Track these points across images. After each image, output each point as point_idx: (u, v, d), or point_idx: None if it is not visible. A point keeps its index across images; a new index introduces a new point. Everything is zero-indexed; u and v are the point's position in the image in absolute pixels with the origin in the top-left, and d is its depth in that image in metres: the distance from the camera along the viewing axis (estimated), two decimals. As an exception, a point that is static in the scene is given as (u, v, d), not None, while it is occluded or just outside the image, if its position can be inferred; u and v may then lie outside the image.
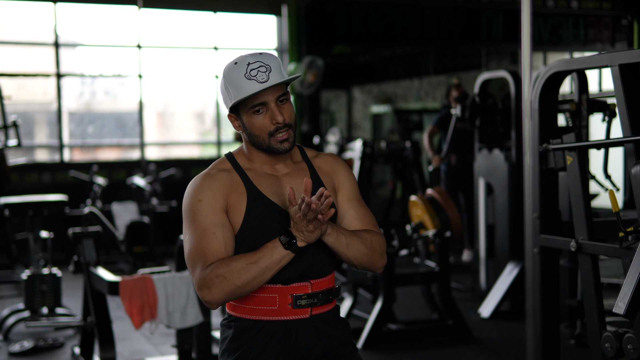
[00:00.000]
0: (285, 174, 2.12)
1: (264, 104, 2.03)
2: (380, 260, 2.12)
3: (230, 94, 2.04)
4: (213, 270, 1.94)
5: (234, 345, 2.07)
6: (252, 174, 2.09)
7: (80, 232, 4.76)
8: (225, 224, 2.02)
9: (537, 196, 3.47)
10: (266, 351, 2.05)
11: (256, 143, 2.07)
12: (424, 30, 10.32)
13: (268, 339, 2.05)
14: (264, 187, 2.07)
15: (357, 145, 6.92)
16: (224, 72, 2.06)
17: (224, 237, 2.00)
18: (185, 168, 9.50)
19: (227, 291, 1.94)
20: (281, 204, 2.06)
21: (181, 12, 9.98)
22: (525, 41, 3.66)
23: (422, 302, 5.96)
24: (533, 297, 3.54)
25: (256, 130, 2.05)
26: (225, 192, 2.04)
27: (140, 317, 4.15)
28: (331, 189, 2.15)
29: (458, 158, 7.47)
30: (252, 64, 2.00)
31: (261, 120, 2.03)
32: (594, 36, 11.40)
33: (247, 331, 2.06)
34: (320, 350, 2.09)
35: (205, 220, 2.00)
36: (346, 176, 2.19)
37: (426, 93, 12.20)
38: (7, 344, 5.36)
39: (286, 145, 2.05)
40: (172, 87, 11.14)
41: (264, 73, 1.99)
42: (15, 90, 9.38)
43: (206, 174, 2.08)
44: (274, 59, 2.04)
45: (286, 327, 2.05)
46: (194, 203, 2.03)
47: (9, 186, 7.24)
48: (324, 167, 2.18)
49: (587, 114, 4.91)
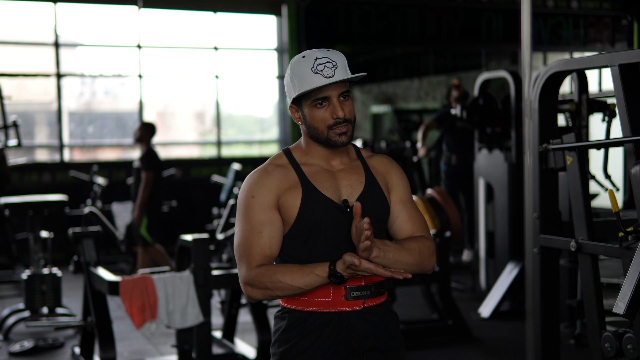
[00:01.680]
0: (340, 170, 2.16)
1: (326, 98, 2.07)
2: (430, 263, 2.16)
3: (295, 85, 2.08)
4: (257, 276, 2.03)
5: (286, 336, 2.10)
6: (308, 169, 2.13)
7: (80, 232, 4.76)
8: (275, 221, 2.08)
9: (537, 196, 3.47)
10: (318, 342, 2.08)
11: (315, 135, 2.11)
12: (424, 30, 10.33)
13: (321, 330, 2.08)
14: (319, 183, 2.11)
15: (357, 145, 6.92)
16: (290, 64, 2.11)
17: (270, 236, 2.07)
18: (185, 168, 9.50)
19: (266, 296, 2.06)
20: (336, 199, 2.10)
21: (181, 12, 9.99)
22: (525, 41, 3.66)
23: (422, 302, 5.96)
24: (533, 297, 3.54)
25: (316, 123, 2.09)
26: (280, 188, 2.09)
27: (141, 317, 4.16)
28: (385, 188, 2.19)
29: (458, 157, 7.47)
30: (319, 58, 2.06)
31: (322, 114, 2.08)
32: (594, 36, 11.40)
33: (300, 322, 2.09)
34: (372, 342, 2.11)
35: (255, 217, 2.07)
36: (400, 177, 2.24)
37: (426, 93, 12.21)
38: (7, 344, 5.37)
39: (344, 139, 2.10)
40: (172, 87, 11.13)
41: (331, 69, 2.05)
42: (15, 90, 9.38)
43: (263, 170, 2.13)
44: (341, 56, 2.09)
45: (339, 318, 2.08)
46: (247, 198, 2.10)
47: (9, 186, 7.24)
48: (378, 167, 2.22)
49: (587, 114, 4.91)
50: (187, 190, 9.25)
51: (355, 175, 2.16)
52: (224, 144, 10.19)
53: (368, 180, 2.16)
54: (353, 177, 2.15)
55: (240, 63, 10.48)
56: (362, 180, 2.15)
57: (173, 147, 11.38)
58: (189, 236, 4.34)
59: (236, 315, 5.20)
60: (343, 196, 2.11)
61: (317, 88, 2.05)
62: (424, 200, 5.98)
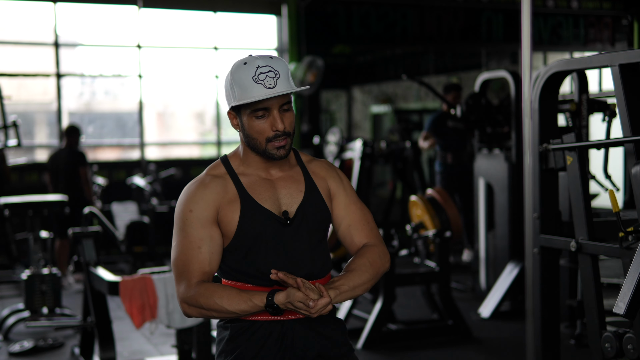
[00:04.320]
0: (279, 178, 2.12)
1: (266, 109, 2.02)
2: (384, 265, 2.16)
3: (234, 93, 2.02)
4: (195, 296, 1.98)
5: (230, 347, 2.07)
6: (246, 180, 2.09)
7: (80, 232, 4.76)
8: (214, 236, 2.04)
9: (537, 196, 3.47)
10: (263, 352, 2.05)
11: (252, 145, 2.07)
12: (424, 30, 10.32)
13: (264, 339, 2.05)
14: (258, 194, 2.07)
15: (357, 145, 6.91)
16: (231, 70, 2.04)
17: (210, 252, 2.02)
18: (185, 168, 9.49)
19: (203, 316, 2.04)
20: (275, 210, 2.07)
21: (181, 12, 9.98)
22: (525, 41, 3.66)
23: (422, 302, 5.96)
24: (533, 297, 3.53)
25: (254, 134, 2.04)
26: (218, 201, 2.05)
27: (141, 317, 4.16)
28: (326, 194, 2.16)
29: (454, 156, 7.45)
30: (261, 67, 1.99)
31: (261, 125, 2.03)
32: (594, 36, 11.40)
33: (243, 332, 2.06)
34: (317, 350, 2.09)
35: (193, 232, 2.02)
36: (340, 181, 2.20)
37: (426, 93, 12.19)
38: (7, 344, 5.36)
39: (282, 152, 2.05)
40: (172, 87, 11.13)
41: (272, 79, 1.99)
42: (15, 90, 9.38)
43: (200, 182, 2.08)
44: (283, 65, 2.02)
45: (282, 327, 2.06)
46: (185, 212, 2.04)
47: (9, 186, 7.24)
48: (319, 171, 2.18)
49: (587, 114, 4.91)
50: (187, 190, 9.23)
51: (294, 183, 2.12)
52: (224, 144, 10.18)
53: (308, 188, 2.12)
54: (292, 186, 2.11)
55: (240, 63, 10.46)
56: (302, 189, 2.12)
57: (173, 147, 11.39)
58: (189, 236, 4.33)
59: (236, 315, 5.19)
60: (283, 206, 2.07)
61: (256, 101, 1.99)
62: (424, 200, 5.98)
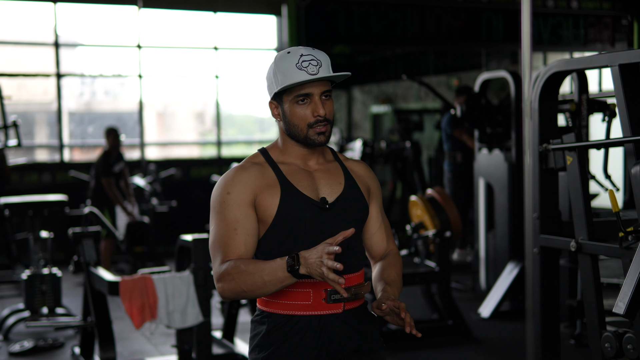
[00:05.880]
0: (317, 170, 2.14)
1: (309, 95, 2.06)
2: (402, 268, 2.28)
3: (277, 80, 2.07)
4: (227, 268, 1.99)
5: (267, 341, 2.07)
6: (285, 168, 2.11)
7: (80, 232, 4.76)
8: (250, 219, 2.04)
9: (537, 196, 3.47)
10: (300, 346, 2.05)
11: (293, 133, 2.09)
12: (424, 30, 10.32)
13: (302, 333, 2.05)
14: (298, 182, 2.09)
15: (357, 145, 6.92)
16: (275, 59, 2.09)
17: (245, 233, 2.03)
18: (185, 168, 9.49)
19: (235, 291, 1.99)
20: (315, 198, 2.09)
21: (181, 12, 9.98)
22: (525, 41, 3.66)
23: (422, 302, 5.96)
24: (533, 297, 3.53)
25: (296, 120, 2.07)
26: (257, 185, 2.06)
27: (141, 317, 4.15)
28: (366, 193, 2.19)
29: (463, 155, 7.44)
30: (304, 55, 2.05)
31: (303, 111, 2.06)
32: (594, 36, 11.39)
33: (281, 326, 2.06)
34: (353, 345, 2.10)
35: (230, 214, 2.03)
36: (378, 186, 2.26)
37: (426, 93, 12.19)
38: (7, 344, 5.36)
39: (322, 138, 2.08)
40: (172, 87, 11.14)
41: (315, 67, 2.04)
42: (15, 90, 9.38)
43: (239, 167, 2.10)
44: (325, 56, 2.09)
45: (320, 321, 2.06)
46: (222, 195, 2.06)
47: (9, 186, 7.24)
48: (358, 170, 2.22)
49: (587, 114, 4.91)
50: (187, 190, 9.25)
51: (333, 176, 2.15)
52: (224, 144, 10.19)
53: (347, 182, 2.15)
54: (332, 178, 2.14)
55: (240, 63, 10.48)
56: (342, 182, 2.14)
57: (173, 147, 11.39)
58: (189, 236, 4.34)
59: (236, 315, 5.19)
60: (321, 195, 2.10)
61: (299, 84, 2.03)
62: (424, 200, 5.98)
